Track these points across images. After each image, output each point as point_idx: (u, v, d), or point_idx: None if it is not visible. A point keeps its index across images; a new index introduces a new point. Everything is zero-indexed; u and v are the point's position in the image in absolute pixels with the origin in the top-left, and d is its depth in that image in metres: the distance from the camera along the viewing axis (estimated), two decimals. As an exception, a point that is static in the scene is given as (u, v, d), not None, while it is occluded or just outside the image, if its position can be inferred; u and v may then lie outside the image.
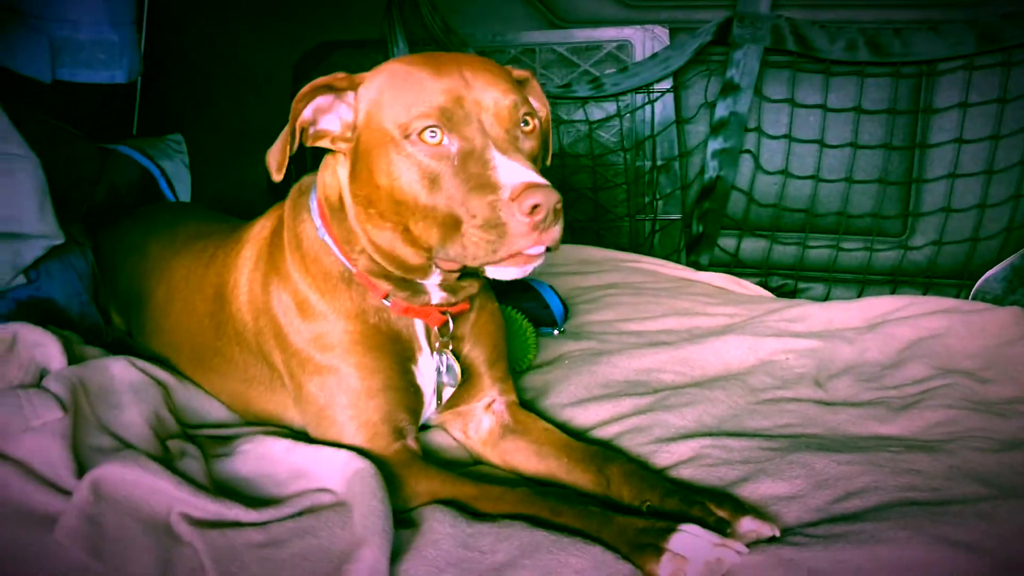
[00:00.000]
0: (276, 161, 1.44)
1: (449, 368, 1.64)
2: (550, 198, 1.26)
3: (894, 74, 2.84)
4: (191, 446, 1.56)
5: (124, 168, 2.92)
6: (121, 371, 1.70)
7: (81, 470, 1.36)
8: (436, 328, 1.63)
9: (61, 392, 1.51)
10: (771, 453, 1.62)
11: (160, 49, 3.32)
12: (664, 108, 3.06)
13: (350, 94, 1.46)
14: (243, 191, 3.42)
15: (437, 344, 1.63)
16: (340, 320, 1.57)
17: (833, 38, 2.81)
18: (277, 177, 1.44)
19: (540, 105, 1.60)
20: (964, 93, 2.78)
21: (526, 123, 1.44)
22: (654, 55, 2.97)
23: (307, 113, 1.46)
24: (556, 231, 1.30)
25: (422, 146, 1.35)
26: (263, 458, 1.56)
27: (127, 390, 1.67)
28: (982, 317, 2.38)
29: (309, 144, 1.48)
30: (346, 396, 1.56)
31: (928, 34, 2.74)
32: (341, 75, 1.46)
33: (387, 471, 1.49)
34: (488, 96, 1.40)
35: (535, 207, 1.25)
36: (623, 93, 3.05)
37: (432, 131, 1.35)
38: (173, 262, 2.00)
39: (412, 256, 1.48)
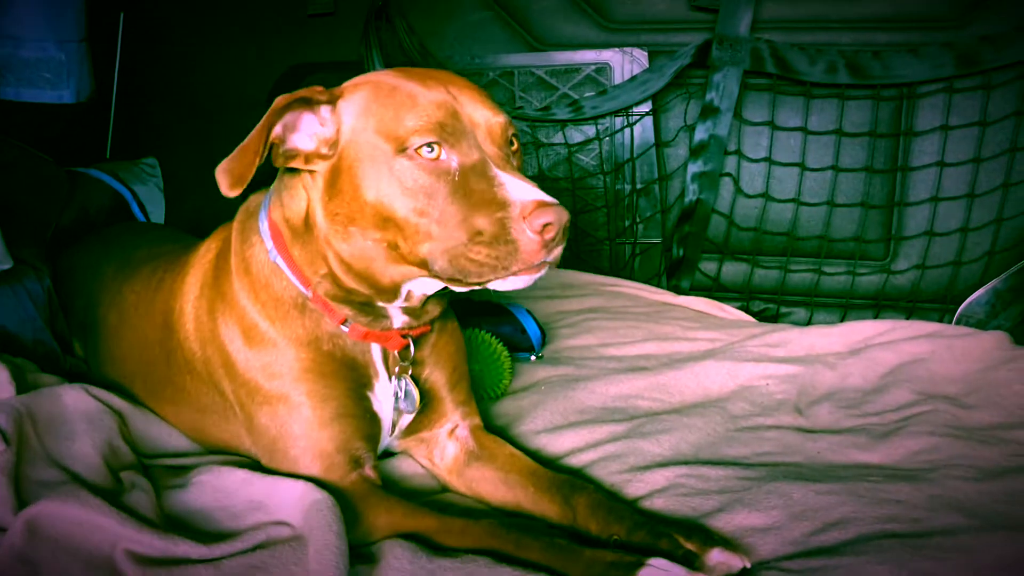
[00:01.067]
0: (234, 175, 1.32)
1: (407, 394, 1.58)
2: (561, 216, 1.24)
3: (875, 96, 2.82)
4: (142, 479, 1.49)
5: (95, 192, 2.87)
6: (75, 400, 1.64)
7: (23, 505, 1.30)
8: (395, 352, 1.57)
9: (4, 423, 1.45)
10: (748, 483, 1.57)
11: (135, 72, 3.28)
12: (643, 131, 3.04)
13: (326, 108, 1.38)
14: (219, 215, 3.37)
15: (396, 369, 1.58)
16: (291, 347, 1.51)
17: (813, 60, 2.79)
18: (231, 193, 1.32)
19: None
20: (945, 116, 2.76)
21: (511, 143, 1.41)
22: (633, 78, 2.94)
23: (278, 129, 1.36)
24: (560, 249, 1.29)
25: (420, 160, 1.31)
26: (219, 490, 1.50)
27: (80, 419, 1.60)
28: (965, 342, 2.35)
29: (279, 165, 1.39)
30: (298, 426, 1.50)
31: (908, 56, 2.72)
32: (319, 88, 1.39)
33: (345, 503, 1.43)
34: (479, 113, 1.37)
35: (547, 225, 1.22)
36: (602, 116, 3.02)
37: (430, 146, 1.31)
38: (124, 287, 1.93)
39: (388, 276, 1.42)
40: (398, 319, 1.52)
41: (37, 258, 2.08)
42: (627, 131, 3.04)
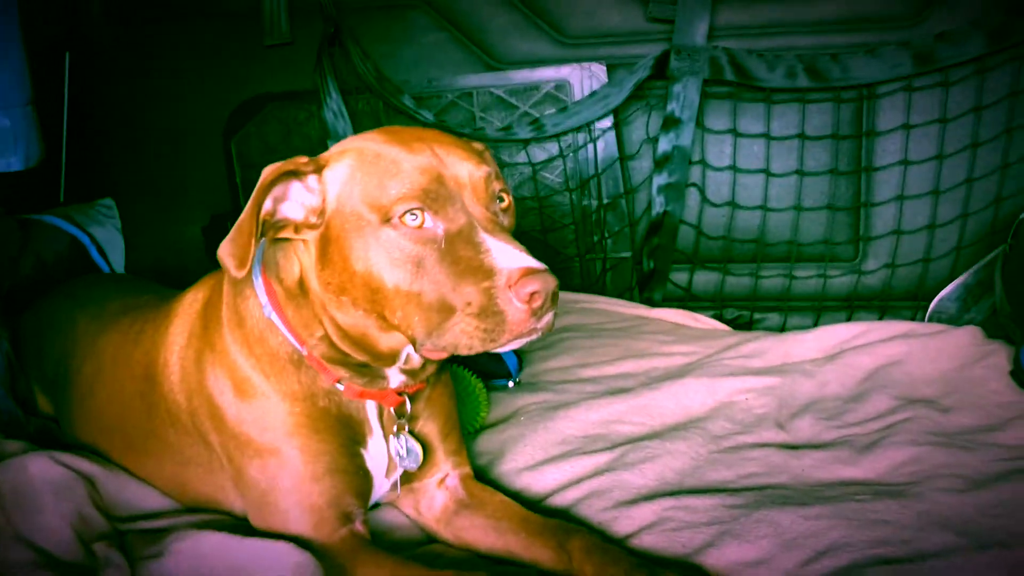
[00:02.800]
0: (236, 257, 1.30)
1: (410, 451, 1.56)
2: (549, 284, 1.20)
3: (835, 99, 2.83)
4: (116, 553, 1.44)
5: (51, 239, 2.80)
6: (41, 469, 1.59)
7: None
8: (391, 409, 1.54)
9: (-32, 504, 1.39)
10: (736, 511, 1.56)
11: (85, 112, 3.21)
12: (607, 146, 3.02)
13: (313, 177, 1.35)
14: (179, 253, 3.32)
15: (395, 427, 1.55)
16: (285, 402, 1.48)
17: (772, 66, 2.79)
18: (239, 273, 1.31)
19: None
20: (906, 114, 2.77)
21: (501, 199, 1.38)
22: (593, 93, 2.92)
23: (268, 204, 1.33)
24: (551, 316, 1.25)
25: (404, 229, 1.27)
26: (197, 557, 1.45)
27: (47, 490, 1.56)
28: (939, 340, 2.36)
29: (270, 237, 1.36)
30: (289, 479, 1.46)
31: (866, 58, 2.73)
32: (304, 159, 1.35)
33: (332, 560, 1.40)
34: (464, 171, 1.33)
35: (534, 293, 1.19)
36: (564, 133, 3.00)
37: (414, 214, 1.27)
38: (100, 339, 1.88)
39: (386, 343, 1.40)
40: (395, 379, 1.50)
41: (-5, 321, 2.02)
42: (590, 147, 3.02)
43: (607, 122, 2.99)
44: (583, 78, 2.98)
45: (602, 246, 3.11)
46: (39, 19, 1.96)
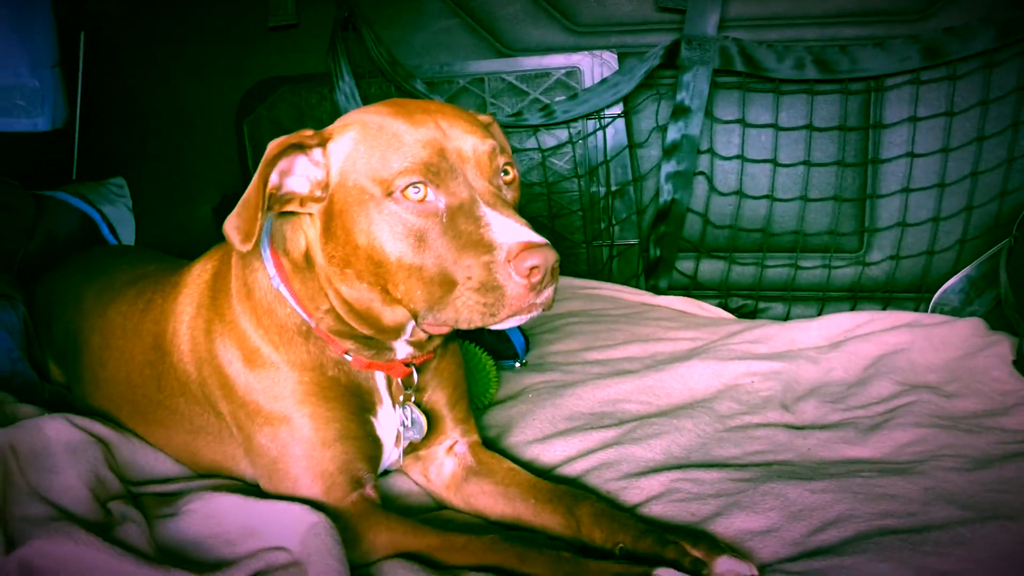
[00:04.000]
0: (242, 231, 1.31)
1: (414, 422, 1.58)
2: (548, 258, 1.21)
3: (843, 91, 2.85)
4: (133, 510, 1.46)
5: (62, 215, 2.82)
6: (57, 431, 1.61)
7: (11, 544, 1.26)
8: (399, 379, 1.56)
9: (-13, 459, 1.41)
10: (743, 484, 1.58)
11: (98, 91, 3.23)
12: (616, 133, 3.04)
13: (317, 151, 1.36)
14: (189, 232, 3.34)
15: (401, 397, 1.56)
16: (294, 371, 1.49)
17: (781, 57, 2.80)
18: (244, 248, 1.31)
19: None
20: (913, 107, 2.79)
21: (506, 172, 1.39)
22: (603, 81, 2.94)
23: (274, 178, 1.34)
24: (551, 291, 1.25)
25: (406, 203, 1.28)
26: (211, 517, 1.47)
27: (63, 451, 1.57)
28: (943, 330, 2.39)
29: (276, 210, 1.37)
30: (300, 446, 1.48)
31: (874, 50, 2.75)
32: (309, 132, 1.36)
33: (345, 523, 1.42)
34: (467, 144, 1.33)
35: (533, 268, 1.20)
36: (574, 120, 3.02)
37: (416, 187, 1.28)
38: (109, 309, 1.89)
39: (390, 317, 1.41)
40: (402, 351, 1.51)
41: (9, 285, 2.03)
42: (599, 134, 3.04)
43: (617, 110, 3.01)
44: (594, 66, 3.00)
45: (609, 233, 3.13)
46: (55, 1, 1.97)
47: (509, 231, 1.23)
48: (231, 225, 1.32)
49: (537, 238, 1.22)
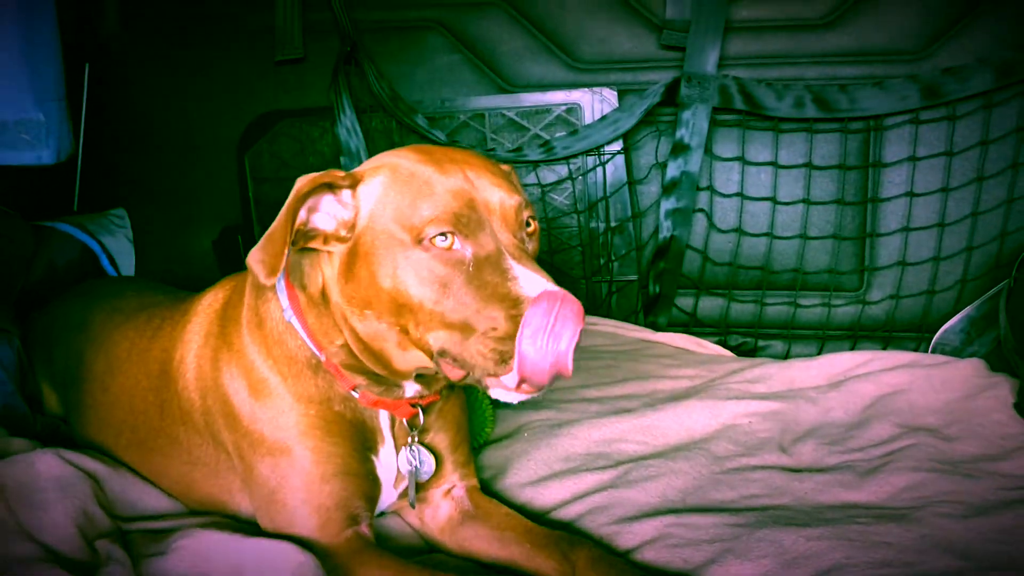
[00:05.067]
0: (267, 265, 1.31)
1: (423, 462, 1.58)
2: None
3: (843, 129, 2.85)
4: (118, 549, 1.45)
5: (63, 246, 2.83)
6: (47, 466, 1.60)
7: (-5, 586, 1.25)
8: (404, 420, 1.55)
9: (-25, 498, 1.40)
10: (738, 530, 1.56)
11: (101, 122, 3.25)
12: (616, 169, 3.05)
13: (347, 192, 1.38)
14: (189, 264, 3.34)
15: (409, 439, 1.57)
16: (300, 403, 1.50)
17: (780, 96, 2.82)
18: (269, 281, 1.32)
19: None
20: (912, 147, 2.80)
21: (528, 224, 1.40)
22: (604, 117, 2.95)
23: (302, 214, 1.36)
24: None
25: (435, 250, 1.29)
26: (199, 556, 1.46)
27: (53, 487, 1.56)
28: (943, 371, 2.37)
29: (300, 246, 1.38)
30: (299, 479, 1.48)
31: (873, 89, 2.76)
32: (340, 172, 1.38)
33: (337, 560, 1.42)
34: (495, 197, 1.35)
35: None
36: (574, 156, 3.02)
37: (444, 236, 1.29)
38: (115, 334, 1.90)
39: (402, 360, 1.41)
40: (410, 389, 1.51)
41: (6, 319, 2.03)
42: (599, 170, 3.05)
43: (616, 146, 3.02)
44: (594, 102, 3.02)
45: (608, 269, 3.13)
46: (61, 30, 1.99)
47: (534, 284, 1.24)
48: (255, 258, 1.32)
49: (559, 291, 1.23)
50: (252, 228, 3.32)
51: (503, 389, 1.27)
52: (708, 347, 2.90)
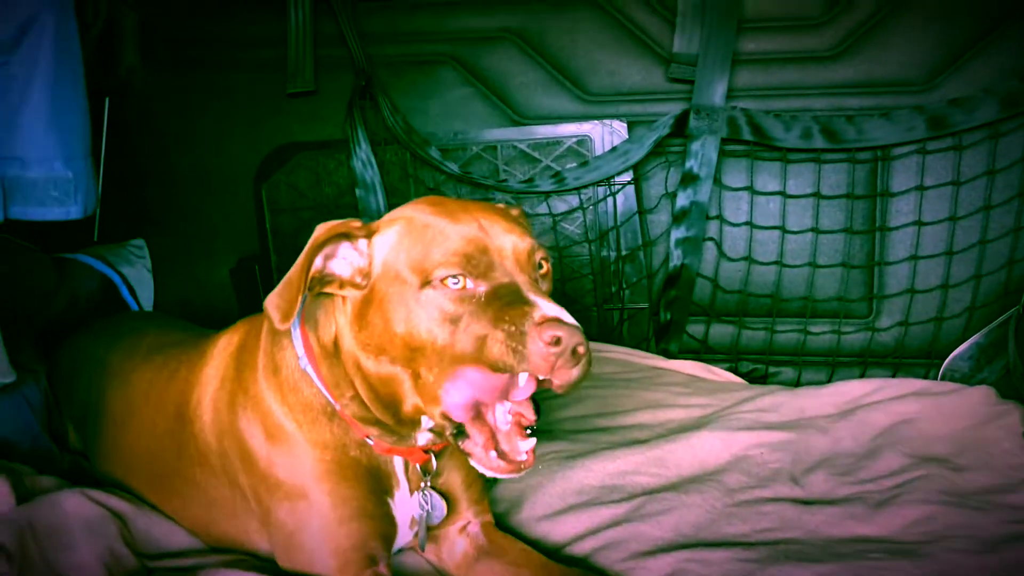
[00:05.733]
0: (282, 310, 1.36)
1: (434, 507, 1.61)
2: (572, 337, 1.24)
3: (850, 160, 2.89)
4: (146, 588, 1.49)
5: (83, 277, 2.87)
6: (75, 507, 1.64)
7: (29, 627, 1.29)
8: (417, 465, 1.58)
9: (7, 539, 1.44)
10: (750, 565, 1.59)
11: (121, 154, 3.31)
12: (626, 199, 3.09)
13: (363, 241, 1.42)
14: (207, 293, 3.38)
15: (422, 484, 1.59)
16: (316, 449, 1.52)
17: (788, 127, 2.85)
18: (283, 326, 1.37)
19: None
20: (919, 176, 2.83)
21: (540, 266, 1.43)
22: (614, 149, 3.00)
23: (318, 262, 1.40)
24: (574, 373, 1.28)
25: (445, 290, 1.32)
26: (224, 595, 1.50)
27: (80, 527, 1.60)
28: (952, 399, 2.39)
29: (315, 291, 1.43)
30: (317, 522, 1.51)
31: (880, 120, 2.79)
32: (357, 223, 1.42)
33: (356, 602, 1.44)
34: (508, 242, 1.38)
35: (556, 338, 1.23)
36: (585, 187, 3.07)
37: (455, 279, 1.32)
38: (133, 376, 1.93)
39: (412, 407, 1.43)
40: (423, 438, 1.54)
41: (33, 359, 2.08)
42: (610, 200, 3.09)
43: (627, 177, 3.06)
44: (604, 134, 3.06)
45: (620, 297, 3.17)
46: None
47: (547, 306, 1.28)
48: (272, 304, 1.37)
49: (570, 319, 1.26)
50: (269, 258, 3.36)
51: (480, 465, 1.36)
52: (719, 374, 2.92)
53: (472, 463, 1.36)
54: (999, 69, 2.76)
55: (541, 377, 1.27)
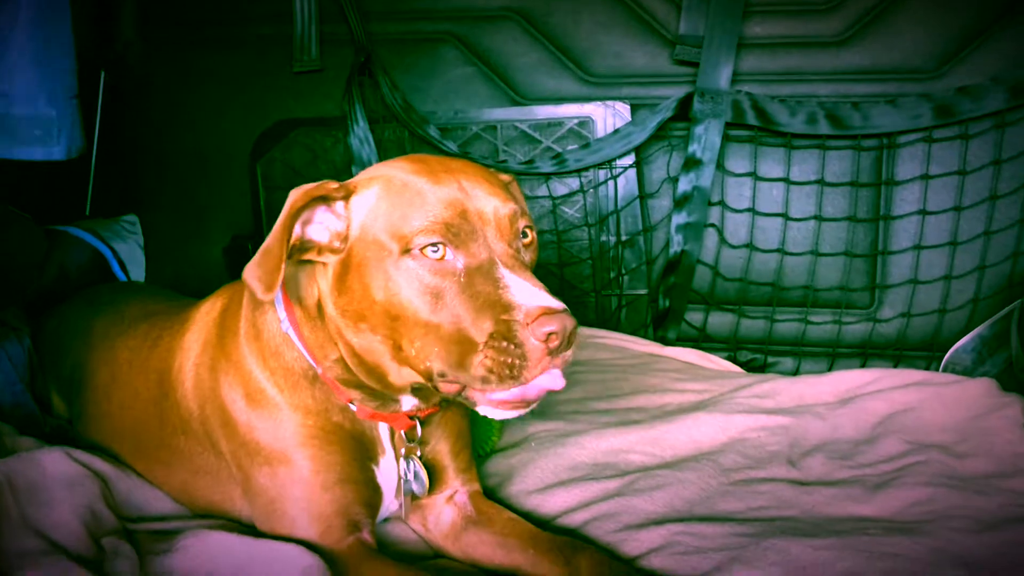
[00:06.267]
0: (264, 282, 1.31)
1: (416, 476, 1.56)
2: (567, 325, 1.20)
3: (855, 147, 2.85)
4: (126, 545, 1.45)
5: (74, 250, 2.85)
6: (54, 464, 1.61)
7: (0, 577, 1.25)
8: (402, 432, 1.54)
9: (-17, 492, 1.40)
10: (745, 539, 1.55)
11: (115, 129, 3.28)
12: (627, 183, 3.05)
13: (340, 203, 1.37)
14: (199, 271, 3.35)
15: (403, 450, 1.55)
16: (297, 413, 1.49)
17: (793, 112, 2.82)
18: (267, 297, 1.31)
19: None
20: (925, 165, 2.79)
21: (525, 235, 1.39)
22: (616, 131, 2.96)
23: (297, 228, 1.35)
24: (568, 355, 1.25)
25: (425, 260, 1.28)
26: (205, 555, 1.46)
27: (60, 485, 1.57)
28: (954, 390, 2.35)
29: (295, 259, 1.38)
30: (299, 488, 1.47)
31: (886, 107, 2.76)
32: (334, 184, 1.37)
33: (339, 567, 1.41)
34: (489, 206, 1.34)
35: (551, 334, 1.19)
36: (585, 169, 3.03)
37: (435, 247, 1.28)
38: (117, 343, 1.90)
39: (397, 376, 1.40)
40: (407, 403, 1.50)
41: (17, 318, 2.04)
42: (611, 183, 3.05)
43: (628, 160, 3.02)
44: (606, 116, 3.03)
45: (618, 282, 3.13)
46: (77, 39, 2.01)
47: (527, 294, 1.23)
48: (252, 275, 1.32)
49: (556, 303, 1.22)
50: (262, 236, 3.31)
51: (489, 406, 1.28)
52: (717, 362, 2.88)
53: (479, 409, 1.31)
54: (1008, 57, 2.73)
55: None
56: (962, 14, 2.77)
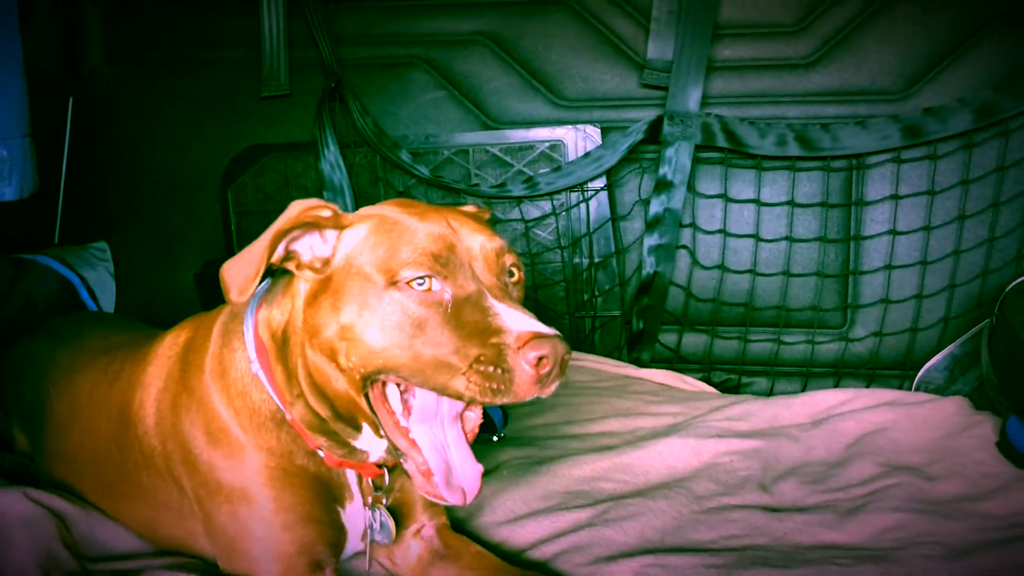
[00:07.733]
0: (239, 284, 1.29)
1: (383, 526, 1.53)
2: (558, 350, 1.18)
3: (825, 168, 2.87)
4: (81, 591, 1.41)
5: (42, 279, 2.81)
6: (12, 505, 1.57)
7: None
8: (369, 480, 1.52)
9: (-65, 536, 1.37)
10: (716, 571, 1.54)
11: (84, 155, 3.25)
12: (599, 206, 3.05)
13: (332, 232, 1.35)
14: (170, 297, 3.31)
15: (371, 500, 1.52)
16: (261, 454, 1.46)
17: (763, 134, 2.84)
18: (237, 299, 1.30)
19: None
20: (894, 185, 2.81)
21: (511, 274, 1.37)
22: (587, 154, 2.97)
23: (280, 250, 1.33)
24: (556, 384, 1.23)
25: (411, 292, 1.26)
26: (165, 598, 1.43)
27: (17, 525, 1.53)
28: (926, 409, 2.36)
29: (275, 265, 1.35)
30: (260, 527, 1.44)
31: (855, 128, 2.78)
32: (329, 214, 1.35)
33: (302, 608, 1.38)
34: (476, 242, 1.33)
35: (541, 358, 1.17)
36: (558, 192, 3.03)
37: (421, 280, 1.26)
38: (77, 377, 1.85)
39: (348, 403, 1.37)
40: (375, 454, 1.48)
41: (-24, 353, 2.00)
42: (583, 206, 3.05)
43: (600, 183, 3.03)
44: (577, 139, 3.03)
45: (592, 304, 3.13)
46: (44, 63, 1.99)
47: (518, 320, 1.21)
48: (230, 274, 1.31)
49: (547, 329, 1.20)
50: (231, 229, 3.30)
51: (428, 494, 1.31)
52: (691, 383, 2.88)
53: (419, 491, 1.31)
54: (974, 79, 2.77)
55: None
56: (929, 36, 2.80)
